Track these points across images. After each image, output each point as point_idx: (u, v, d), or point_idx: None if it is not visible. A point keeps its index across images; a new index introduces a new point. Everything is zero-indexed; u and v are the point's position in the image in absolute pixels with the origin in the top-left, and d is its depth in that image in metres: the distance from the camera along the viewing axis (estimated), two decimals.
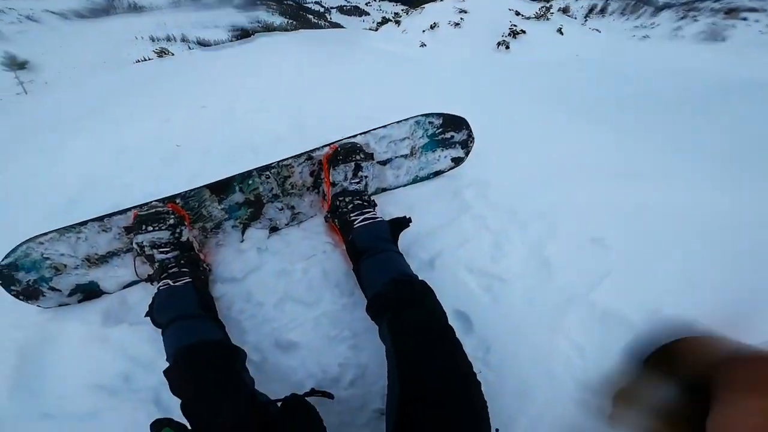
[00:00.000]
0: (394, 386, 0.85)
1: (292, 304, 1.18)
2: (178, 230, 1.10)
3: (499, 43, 6.04)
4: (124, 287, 1.19)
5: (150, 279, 1.11)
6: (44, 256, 1.08)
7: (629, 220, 1.37)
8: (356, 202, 1.21)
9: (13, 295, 1.12)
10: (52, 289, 1.12)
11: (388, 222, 1.17)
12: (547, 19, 6.79)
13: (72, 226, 1.08)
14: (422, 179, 1.50)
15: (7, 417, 1.05)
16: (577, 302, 1.17)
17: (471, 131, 1.48)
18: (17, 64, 12.15)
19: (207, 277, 1.17)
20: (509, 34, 6.17)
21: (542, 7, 7.18)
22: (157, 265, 1.08)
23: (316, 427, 0.78)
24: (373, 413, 1.06)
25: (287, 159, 1.26)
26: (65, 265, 1.11)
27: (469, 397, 0.80)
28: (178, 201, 1.16)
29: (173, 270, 1.07)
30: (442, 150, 1.48)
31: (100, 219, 1.09)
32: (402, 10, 9.42)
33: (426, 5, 7.64)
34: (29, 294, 1.12)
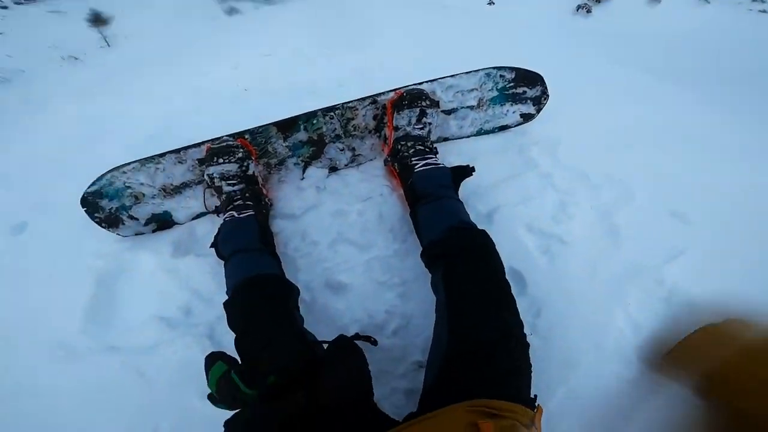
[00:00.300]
0: (441, 337, 0.83)
1: (345, 246, 1.20)
2: (245, 164, 1.14)
3: (579, 7, 5.42)
4: (193, 218, 1.27)
5: (217, 210, 1.18)
6: (126, 185, 1.15)
7: (718, 201, 1.25)
8: (418, 147, 1.19)
9: (96, 222, 1.19)
10: (131, 217, 1.20)
11: (450, 169, 1.15)
12: None
13: (152, 157, 1.15)
14: (487, 132, 1.44)
15: (78, 349, 1.14)
16: (643, 276, 1.10)
17: (546, 88, 1.39)
18: (101, 21, 12.87)
19: (268, 211, 1.22)
20: None
21: None
22: (224, 196, 1.14)
23: (361, 369, 0.77)
24: (411, 365, 1.06)
25: (352, 101, 1.25)
26: (143, 195, 1.18)
27: (518, 358, 0.77)
28: (246, 137, 1.20)
29: (238, 202, 1.12)
30: (512, 105, 1.40)
31: (177, 151, 1.16)
32: None
33: None
34: (111, 222, 1.19)
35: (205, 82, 2.16)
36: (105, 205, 1.16)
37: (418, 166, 1.15)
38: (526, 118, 1.44)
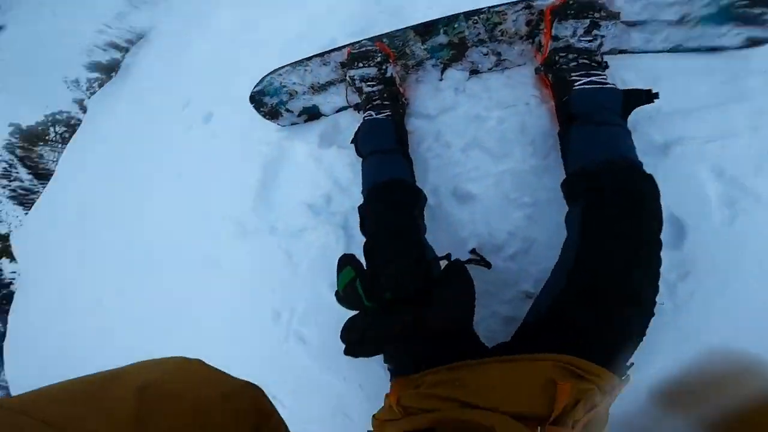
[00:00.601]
0: (558, 279, 0.77)
1: (478, 152, 1.14)
2: (383, 67, 1.16)
3: None
4: (337, 111, 1.40)
5: (357, 107, 1.27)
6: (282, 84, 1.34)
7: None
8: (582, 60, 0.97)
9: (262, 115, 1.42)
10: (288, 110, 1.42)
11: (623, 91, 0.92)
12: None
13: (301, 61, 1.28)
14: (687, 50, 1.07)
15: (248, 227, 1.39)
16: None
17: None
18: None
19: (404, 110, 1.24)
20: None
21: None
22: (364, 96, 1.20)
23: (468, 301, 0.78)
24: (519, 294, 1.01)
25: (500, 5, 1.09)
26: (296, 92, 1.37)
27: (633, 326, 0.70)
28: (384, 40, 1.20)
29: (377, 102, 1.18)
30: (736, 26, 0.99)
31: (321, 55, 1.26)
32: None
33: None
34: (272, 114, 1.44)
35: None
36: (267, 101, 1.40)
37: (579, 82, 0.95)
38: (755, 43, 1.02)
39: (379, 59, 1.15)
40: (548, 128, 1.08)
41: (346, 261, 0.79)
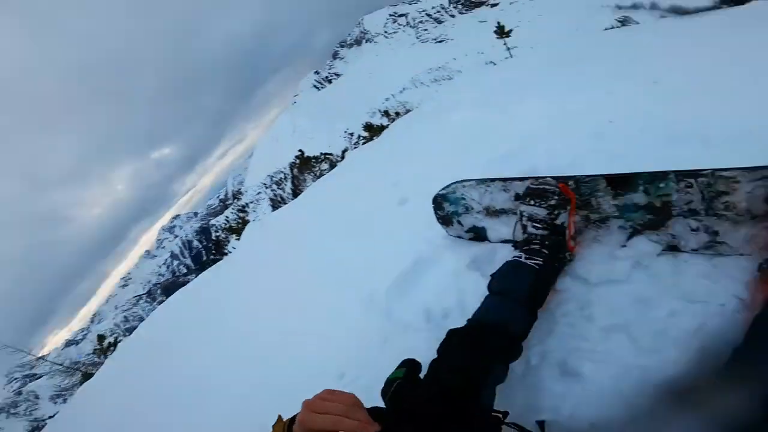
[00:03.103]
0: None
1: (622, 337, 0.97)
2: (556, 212, 1.10)
3: None
4: (501, 242, 1.36)
5: (515, 246, 1.20)
6: (462, 196, 1.38)
7: None
8: None
9: (437, 217, 1.48)
10: (459, 223, 1.45)
11: None
12: None
13: (485, 180, 1.31)
14: None
15: (375, 303, 1.52)
16: None
17: None
18: (505, 33, 15.11)
19: (563, 265, 1.13)
20: None
21: None
22: (525, 236, 1.14)
23: None
24: None
25: (732, 169, 0.88)
26: (472, 208, 1.39)
27: None
28: (570, 183, 1.13)
29: (534, 246, 1.10)
30: None
31: (504, 180, 1.25)
32: None
33: None
34: (445, 220, 1.49)
35: (573, 106, 2.16)
36: (446, 207, 1.47)
37: None
38: None
39: (553, 202, 1.09)
40: (732, 341, 0.76)
41: (407, 363, 0.85)
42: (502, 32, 15.45)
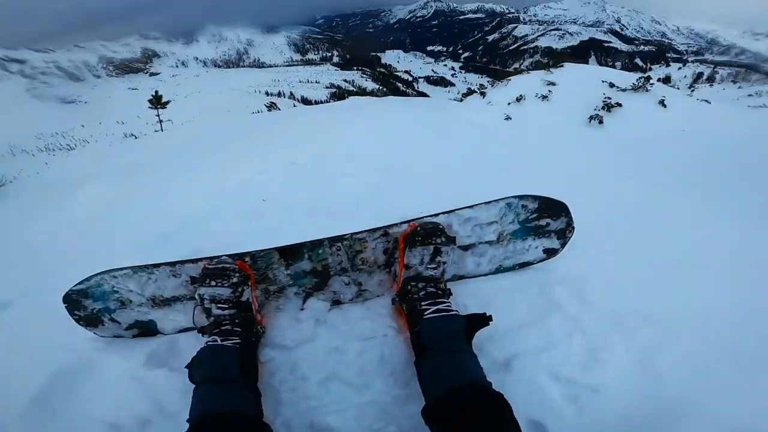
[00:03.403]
0: None
1: (338, 385, 1.10)
2: (239, 289, 1.09)
3: (591, 117, 5.65)
4: (180, 331, 1.21)
5: (202, 331, 1.11)
6: (114, 289, 1.14)
7: None
8: (429, 289, 1.10)
9: (75, 320, 1.17)
10: (113, 320, 1.18)
11: (464, 317, 1.03)
12: (647, 90, 6.18)
13: (146, 266, 1.13)
14: (506, 270, 1.32)
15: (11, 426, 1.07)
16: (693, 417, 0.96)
17: (571, 219, 1.30)
18: (161, 104, 14.36)
19: (259, 339, 1.14)
20: (603, 108, 5.73)
21: (640, 77, 6.47)
22: (212, 319, 1.08)
23: None
24: None
25: (362, 232, 1.19)
26: (131, 301, 1.16)
27: None
28: (247, 260, 1.16)
29: (226, 327, 1.07)
30: (534, 239, 1.31)
31: (173, 264, 1.13)
32: (487, 81, 9.55)
33: (512, 77, 7.62)
34: (90, 321, 1.17)
35: (229, 185, 2.25)
36: (88, 305, 1.16)
37: (428, 311, 1.04)
38: (550, 253, 1.33)
39: (236, 280, 1.07)
40: (406, 358, 1.12)
41: None
42: (158, 102, 14.38)
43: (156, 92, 14.51)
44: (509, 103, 6.51)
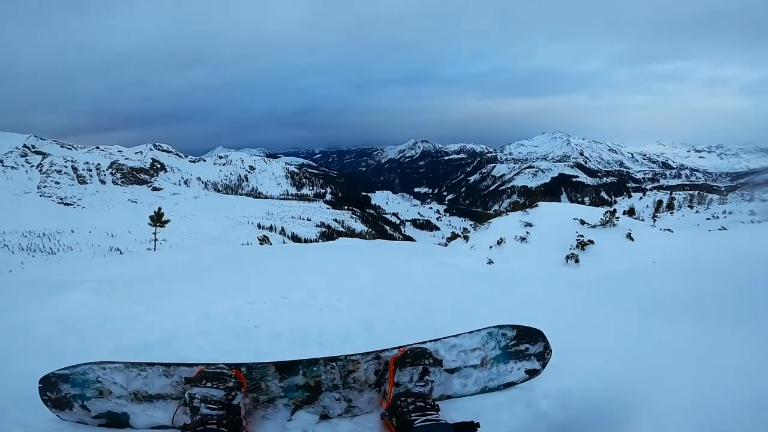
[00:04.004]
0: None
1: None
2: (232, 393, 1.12)
3: (568, 257, 6.01)
4: (152, 428, 1.19)
5: (184, 428, 1.11)
6: (99, 379, 1.15)
7: None
8: (419, 403, 1.16)
9: (43, 400, 1.15)
10: (84, 407, 1.16)
11: (453, 425, 1.08)
12: (614, 224, 6.68)
13: (140, 363, 1.18)
14: (492, 390, 1.39)
15: None
16: None
17: (548, 343, 1.42)
18: (161, 222, 14.37)
19: None
20: (577, 246, 6.12)
21: (606, 212, 7.03)
22: (198, 417, 1.08)
23: None
24: None
25: (355, 354, 1.29)
26: (110, 392, 1.16)
27: None
28: (243, 369, 1.21)
29: (211, 427, 1.07)
30: (516, 362, 1.41)
31: (168, 365, 1.18)
32: (470, 224, 10.36)
33: (492, 220, 8.28)
34: (58, 404, 1.15)
35: (220, 308, 2.33)
36: (63, 389, 1.15)
37: (418, 421, 1.09)
38: (532, 374, 1.41)
39: (231, 384, 1.12)
40: None
41: None
42: (158, 219, 14.52)
43: (159, 209, 14.90)
44: (491, 247, 6.96)
